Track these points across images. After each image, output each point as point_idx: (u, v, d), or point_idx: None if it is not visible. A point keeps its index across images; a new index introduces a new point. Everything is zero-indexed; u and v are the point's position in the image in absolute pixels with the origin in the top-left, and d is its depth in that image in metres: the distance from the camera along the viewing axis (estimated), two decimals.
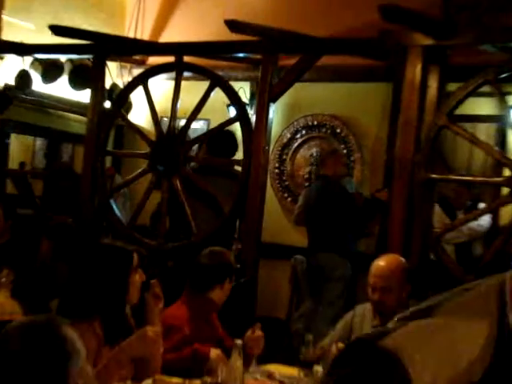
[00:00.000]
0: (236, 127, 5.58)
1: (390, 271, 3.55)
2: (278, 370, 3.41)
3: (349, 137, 6.74)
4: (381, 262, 3.61)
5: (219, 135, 5.54)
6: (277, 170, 7.05)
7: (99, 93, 6.00)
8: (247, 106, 6.24)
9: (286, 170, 7.04)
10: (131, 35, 7.37)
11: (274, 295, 6.51)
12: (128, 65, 7.49)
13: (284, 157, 7.06)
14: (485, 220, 5.67)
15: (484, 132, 6.19)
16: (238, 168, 5.49)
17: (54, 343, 1.63)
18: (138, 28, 7.49)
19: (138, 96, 6.46)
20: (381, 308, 3.51)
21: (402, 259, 3.71)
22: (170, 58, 5.70)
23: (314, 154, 6.45)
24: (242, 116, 5.42)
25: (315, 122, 6.90)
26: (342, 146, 6.72)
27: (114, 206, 5.89)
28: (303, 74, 5.32)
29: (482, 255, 5.28)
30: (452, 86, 4.98)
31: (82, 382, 1.66)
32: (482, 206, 5.73)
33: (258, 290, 5.57)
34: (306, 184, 6.08)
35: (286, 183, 7.03)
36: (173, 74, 5.70)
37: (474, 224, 5.56)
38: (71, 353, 1.65)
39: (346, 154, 6.67)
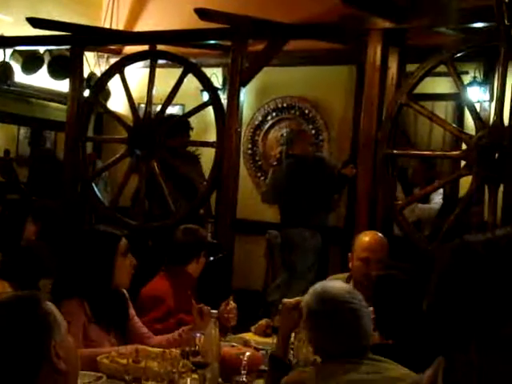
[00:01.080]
0: (209, 111, 5.59)
1: (383, 245, 3.56)
2: (254, 338, 3.44)
3: (316, 117, 6.77)
4: (373, 237, 3.59)
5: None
6: (250, 151, 7.06)
7: (78, 82, 5.97)
8: (220, 91, 6.23)
9: (259, 151, 7.07)
10: (107, 26, 7.30)
11: (250, 269, 6.55)
12: (105, 54, 7.44)
13: (256, 138, 7.07)
14: (437, 203, 5.69)
15: (443, 109, 6.25)
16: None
17: (36, 316, 1.64)
18: (113, 19, 7.41)
19: (116, 84, 6.43)
20: (370, 281, 3.44)
21: None
22: (146, 47, 5.68)
23: (284, 135, 6.47)
24: (214, 100, 5.43)
25: (284, 104, 6.93)
26: (311, 127, 6.75)
27: (96, 189, 5.88)
28: (271, 59, 5.34)
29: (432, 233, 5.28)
30: (411, 67, 5.02)
31: (63, 353, 1.67)
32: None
33: (235, 265, 5.60)
34: (275, 163, 6.13)
35: (259, 163, 7.06)
36: (148, 62, 5.68)
37: (426, 206, 5.58)
38: (52, 325, 1.66)
39: (315, 133, 6.72)
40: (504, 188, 4.35)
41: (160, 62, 5.71)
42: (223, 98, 5.61)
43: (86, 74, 6.40)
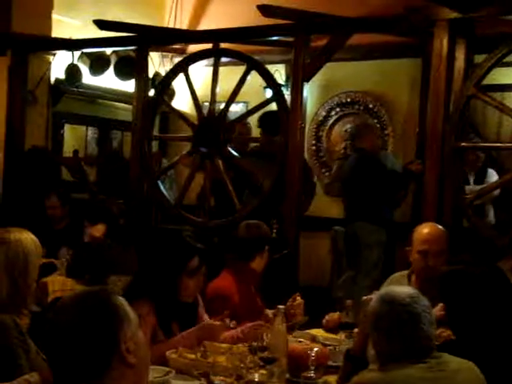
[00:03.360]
0: (273, 107, 5.58)
1: (442, 236, 3.46)
2: (321, 333, 3.42)
3: (381, 112, 6.69)
4: (430, 228, 3.50)
5: (272, 115, 5.53)
6: (314, 147, 7.04)
7: (143, 82, 6.04)
8: (283, 87, 6.22)
9: (323, 147, 7.04)
10: (171, 25, 7.39)
11: (316, 265, 6.52)
12: (169, 54, 7.52)
13: (320, 134, 7.04)
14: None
15: None
16: None
17: (106, 308, 1.66)
18: (177, 18, 7.51)
19: (180, 83, 6.50)
20: (430, 274, 3.35)
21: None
22: (209, 46, 5.71)
23: (349, 130, 6.41)
24: (277, 96, 5.42)
25: (348, 100, 6.87)
26: (375, 121, 6.67)
27: (162, 187, 5.95)
28: (334, 54, 5.28)
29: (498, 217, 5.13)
30: (479, 58, 4.89)
31: (133, 347, 1.68)
32: (490, 170, 5.61)
33: (301, 262, 5.58)
34: (339, 158, 6.07)
35: (323, 159, 7.02)
36: (211, 61, 5.71)
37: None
38: (123, 318, 1.68)
39: (379, 128, 6.63)
40: None
41: (223, 59, 5.73)
42: (287, 94, 5.59)
43: (151, 74, 6.49)
